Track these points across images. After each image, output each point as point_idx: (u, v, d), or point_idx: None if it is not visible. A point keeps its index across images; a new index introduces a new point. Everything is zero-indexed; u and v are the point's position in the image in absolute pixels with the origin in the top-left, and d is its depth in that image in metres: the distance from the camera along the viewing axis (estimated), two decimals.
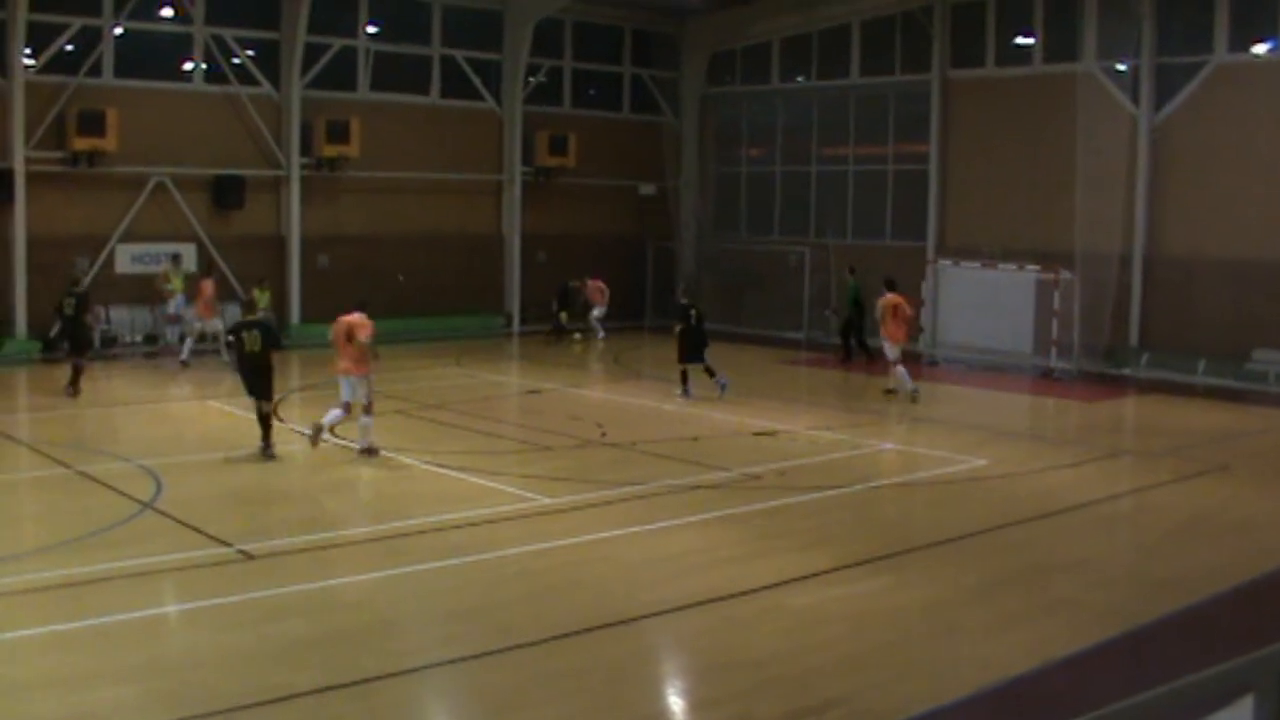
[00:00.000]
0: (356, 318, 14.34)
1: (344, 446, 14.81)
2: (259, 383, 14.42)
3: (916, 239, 27.38)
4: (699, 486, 13.05)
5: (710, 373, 19.05)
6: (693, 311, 19.25)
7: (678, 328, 19.37)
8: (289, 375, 20.97)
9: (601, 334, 26.72)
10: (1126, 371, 23.54)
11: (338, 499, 12.45)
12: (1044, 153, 25.03)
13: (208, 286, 22.31)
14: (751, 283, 30.30)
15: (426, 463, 13.97)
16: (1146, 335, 24.22)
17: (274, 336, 14.61)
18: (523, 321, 29.30)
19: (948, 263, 25.98)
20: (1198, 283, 23.46)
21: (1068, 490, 13.40)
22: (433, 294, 27.86)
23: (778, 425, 16.87)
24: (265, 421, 14.36)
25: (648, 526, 11.36)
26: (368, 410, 14.36)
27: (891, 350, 19.62)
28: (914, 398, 19.22)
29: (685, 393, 18.96)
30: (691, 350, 19.08)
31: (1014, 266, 24.31)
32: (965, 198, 26.71)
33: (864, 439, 16.25)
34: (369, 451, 14.19)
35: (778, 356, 25.29)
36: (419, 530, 11.11)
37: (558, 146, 29.24)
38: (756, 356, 24.98)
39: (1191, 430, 17.47)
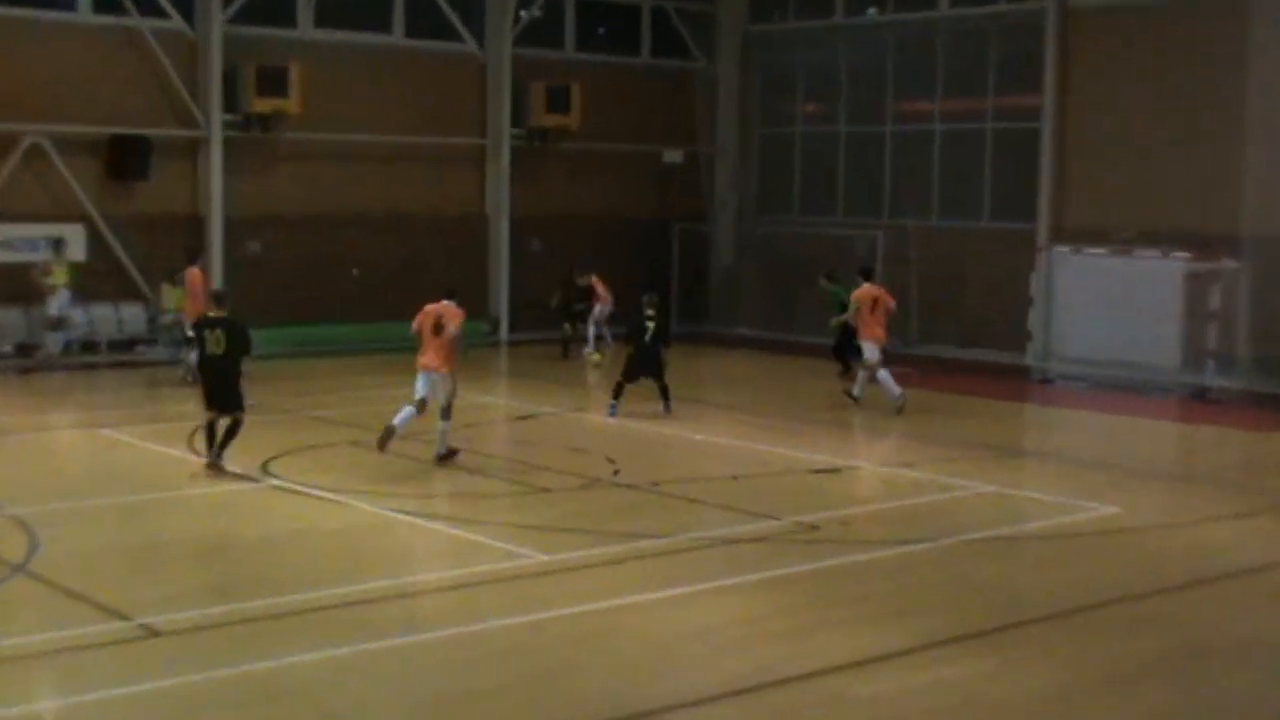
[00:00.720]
0: (446, 306, 16.15)
1: (280, 488, 14.85)
2: (223, 392, 15.39)
3: (1024, 219, 27.28)
4: (740, 540, 13.13)
5: (664, 394, 19.87)
6: (648, 325, 20.03)
7: (629, 346, 20.34)
8: None
9: (593, 344, 26.19)
10: None
11: (271, 555, 12.47)
12: (1199, 101, 24.83)
13: (198, 277, 21.51)
14: (808, 277, 30.27)
15: (388, 508, 14.01)
16: None
17: (244, 337, 15.54)
18: (513, 327, 29.29)
19: (1065, 250, 25.86)
20: None
21: (1230, 550, 13.37)
22: (397, 292, 27.36)
23: (841, 460, 17.03)
24: (230, 432, 15.42)
25: (674, 591, 11.42)
26: (446, 414, 16.06)
27: (872, 351, 20.57)
28: (900, 407, 20.16)
29: (612, 410, 19.63)
30: (638, 370, 20.01)
31: (1156, 253, 24.19)
32: (1090, 163, 26.56)
33: (955, 478, 16.22)
34: (449, 455, 16.01)
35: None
36: (378, 597, 11.14)
37: (557, 101, 29.28)
38: (815, 370, 24.84)
39: None
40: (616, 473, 15.96)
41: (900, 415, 19.97)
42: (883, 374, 20.38)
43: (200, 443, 15.84)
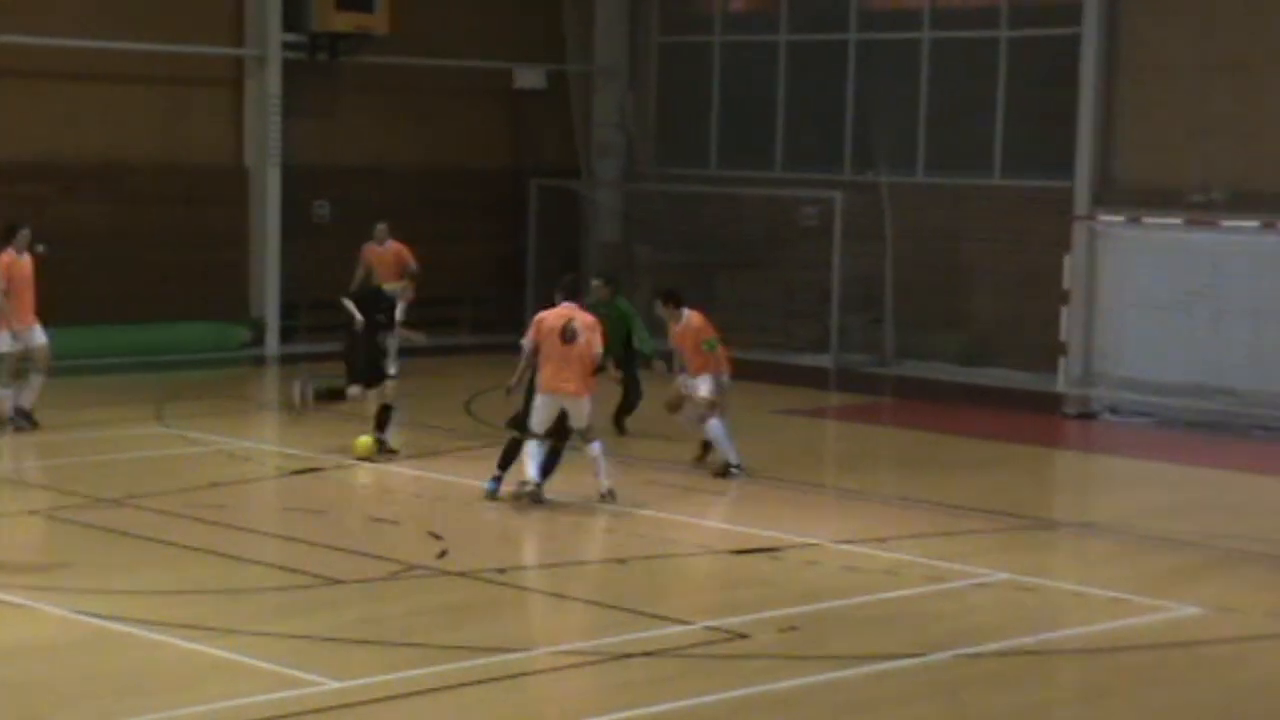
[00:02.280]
0: (572, 311, 17.92)
1: None
2: None
3: (1055, 175, 27.57)
4: (629, 654, 13.15)
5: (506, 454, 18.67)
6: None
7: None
8: None
9: (393, 371, 25.07)
10: None
11: None
12: None
13: (8, 265, 20.93)
14: (730, 259, 30.48)
15: (91, 613, 13.86)
16: None
17: None
18: (286, 336, 29.44)
19: (1117, 220, 26.03)
20: None
21: None
22: (112, 283, 27.90)
23: (782, 533, 17.19)
24: None
25: None
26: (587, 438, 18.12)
27: (709, 387, 20.50)
28: (726, 470, 20.26)
29: (493, 484, 18.47)
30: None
31: (1254, 224, 24.38)
32: (1157, 90, 26.71)
33: (951, 561, 16.46)
34: (610, 495, 18.05)
35: (783, 400, 25.54)
36: None
37: None
38: (744, 399, 24.52)
39: None
40: (443, 554, 16.07)
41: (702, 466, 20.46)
42: (715, 424, 20.30)
43: None
